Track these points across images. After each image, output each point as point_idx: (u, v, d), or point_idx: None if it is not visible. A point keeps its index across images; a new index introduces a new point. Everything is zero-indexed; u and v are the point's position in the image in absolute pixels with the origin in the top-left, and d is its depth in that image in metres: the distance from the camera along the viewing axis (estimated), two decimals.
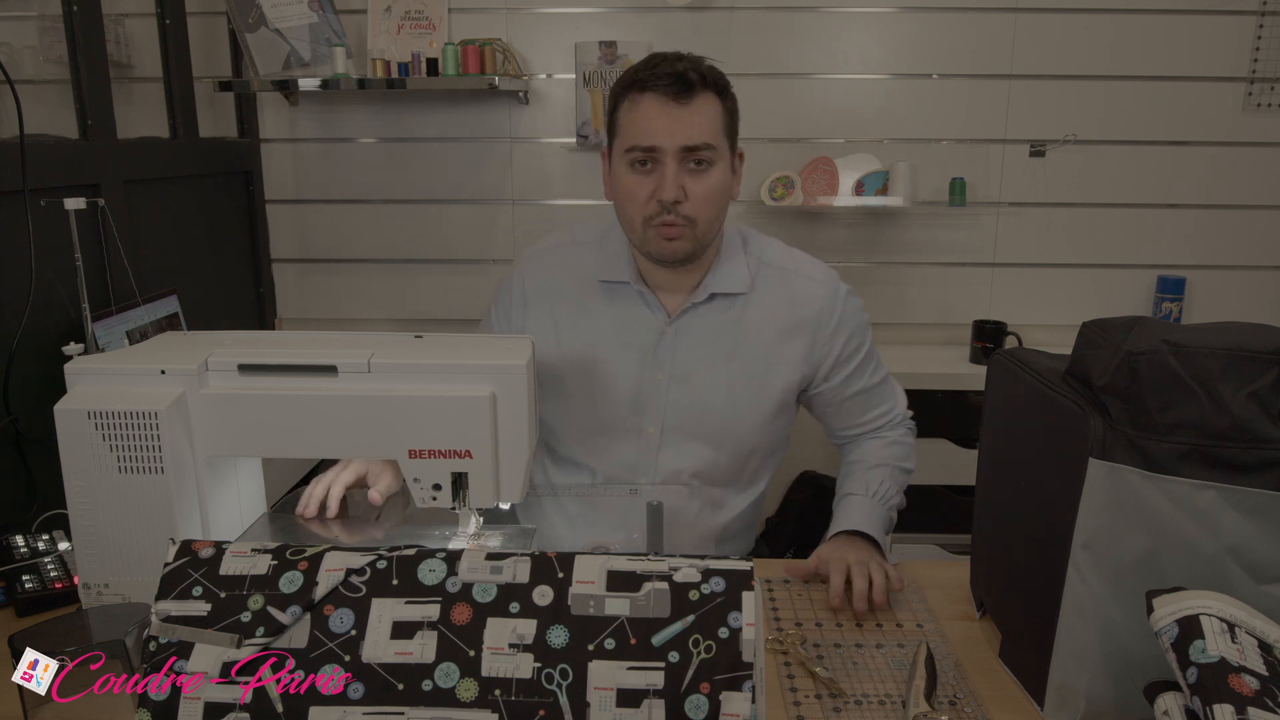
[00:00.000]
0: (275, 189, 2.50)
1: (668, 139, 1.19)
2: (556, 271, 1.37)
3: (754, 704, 0.69)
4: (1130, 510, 0.83)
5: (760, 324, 1.33)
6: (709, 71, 1.22)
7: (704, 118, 1.20)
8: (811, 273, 1.36)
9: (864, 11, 2.37)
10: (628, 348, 1.33)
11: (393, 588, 0.74)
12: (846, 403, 1.39)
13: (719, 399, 1.32)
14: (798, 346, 1.33)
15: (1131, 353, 0.83)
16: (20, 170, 1.36)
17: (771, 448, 1.40)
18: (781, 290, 1.34)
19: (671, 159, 1.20)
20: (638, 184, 1.23)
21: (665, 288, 1.33)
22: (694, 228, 1.23)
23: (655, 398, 1.33)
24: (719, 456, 1.35)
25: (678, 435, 1.34)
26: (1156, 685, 0.81)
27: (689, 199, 1.21)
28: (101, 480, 1.01)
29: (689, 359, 1.32)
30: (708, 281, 1.32)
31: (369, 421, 1.02)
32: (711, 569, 0.74)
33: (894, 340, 2.56)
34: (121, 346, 1.47)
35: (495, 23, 2.39)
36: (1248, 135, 2.41)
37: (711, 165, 1.22)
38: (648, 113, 1.20)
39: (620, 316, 1.33)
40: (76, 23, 1.66)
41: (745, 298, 1.33)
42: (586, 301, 1.34)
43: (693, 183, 1.22)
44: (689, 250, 1.25)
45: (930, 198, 2.45)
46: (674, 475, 1.35)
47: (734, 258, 1.33)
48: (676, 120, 1.19)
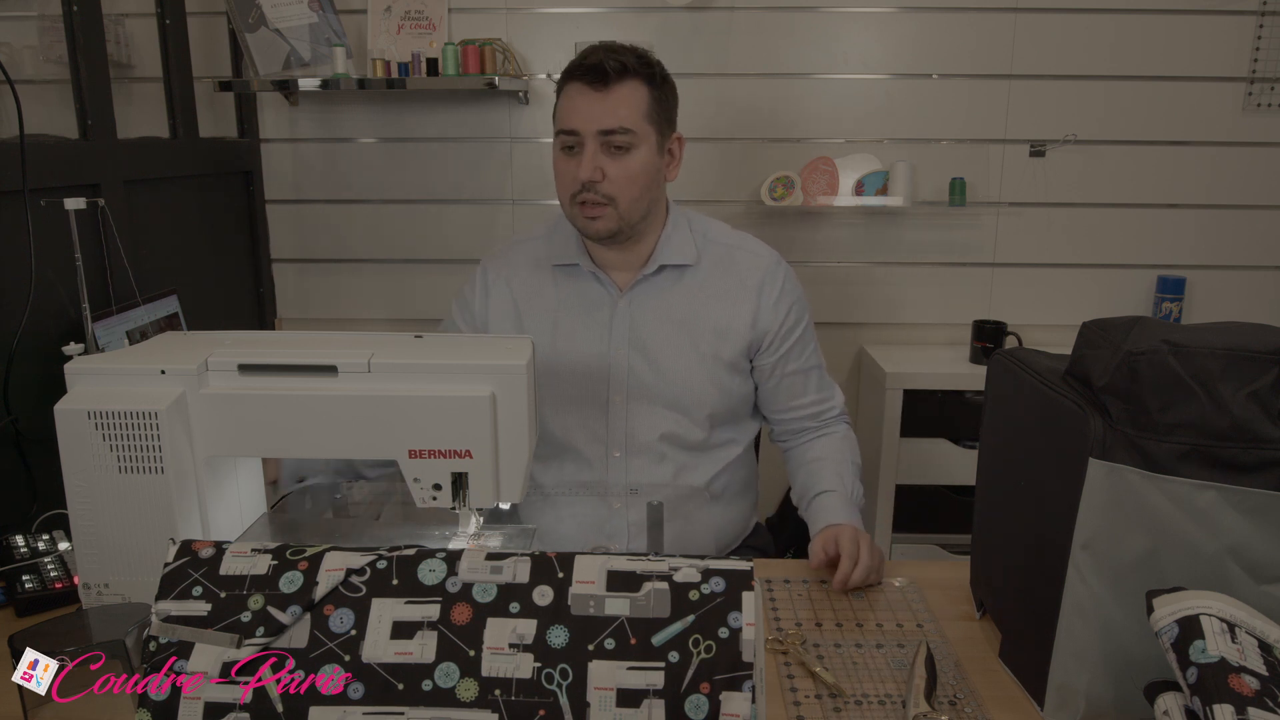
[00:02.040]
0: (275, 189, 2.50)
1: (585, 123, 1.30)
2: (514, 263, 1.48)
3: (754, 704, 0.69)
4: (1130, 510, 0.83)
5: (708, 293, 1.42)
6: (634, 61, 1.31)
7: (623, 104, 1.30)
8: (755, 248, 1.47)
9: (864, 11, 2.37)
10: (585, 323, 1.42)
11: (393, 588, 0.74)
12: (786, 379, 1.45)
13: (675, 364, 1.40)
14: (744, 312, 1.41)
15: (1131, 353, 0.83)
16: (20, 170, 1.36)
17: (733, 410, 1.45)
18: (727, 262, 1.44)
19: (591, 141, 1.30)
20: (565, 165, 1.34)
21: (614, 265, 1.42)
22: (615, 206, 1.32)
23: (617, 368, 1.41)
24: (683, 419, 1.42)
25: (642, 402, 1.41)
26: (1156, 685, 0.81)
27: (607, 179, 1.31)
28: (101, 480, 1.01)
29: (643, 329, 1.41)
30: (656, 255, 1.41)
31: (369, 421, 1.02)
32: (711, 569, 0.74)
33: (894, 340, 2.56)
34: (121, 346, 1.47)
35: (495, 23, 2.39)
36: (1248, 135, 2.40)
37: (631, 148, 1.31)
38: (572, 100, 1.32)
39: (576, 295, 1.43)
40: (76, 23, 1.66)
41: (692, 269, 1.42)
42: (543, 286, 1.45)
43: (611, 164, 1.31)
44: (612, 228, 1.34)
45: (930, 198, 2.45)
46: (645, 440, 1.42)
47: (680, 233, 1.43)
48: (594, 105, 1.30)
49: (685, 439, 1.42)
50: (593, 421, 1.42)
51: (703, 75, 2.40)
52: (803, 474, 1.44)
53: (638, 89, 1.31)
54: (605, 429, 1.42)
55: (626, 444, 1.42)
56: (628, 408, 1.41)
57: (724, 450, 1.46)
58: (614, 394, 1.41)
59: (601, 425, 1.42)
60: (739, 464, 1.49)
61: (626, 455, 1.42)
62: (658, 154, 1.35)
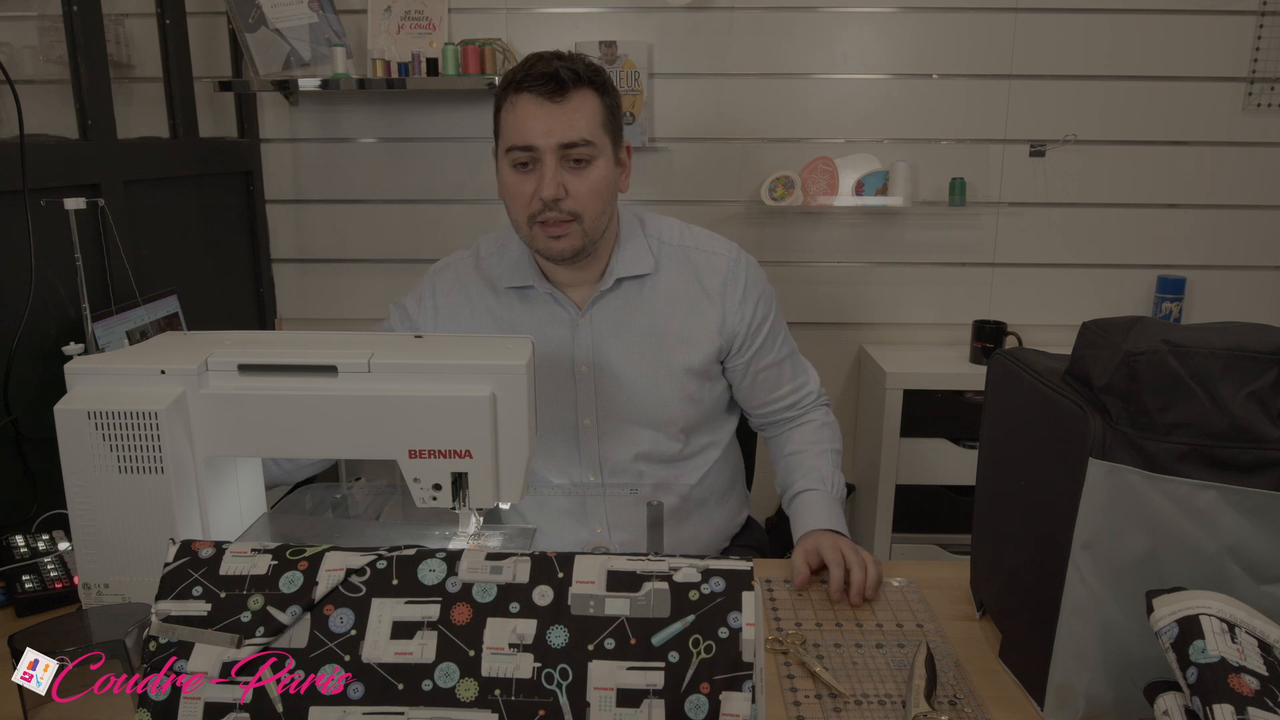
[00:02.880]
0: (275, 189, 2.50)
1: (544, 137, 1.21)
2: (469, 286, 1.40)
3: (754, 704, 0.69)
4: (1130, 510, 0.83)
5: (669, 301, 1.36)
6: (585, 69, 1.24)
7: (581, 115, 1.22)
8: (712, 246, 1.39)
9: (864, 11, 2.37)
10: (547, 346, 1.35)
11: (393, 588, 0.74)
12: (761, 375, 1.41)
13: (641, 381, 1.35)
14: (710, 318, 1.36)
15: (1131, 353, 0.83)
16: (20, 170, 1.36)
17: (707, 416, 1.42)
18: (685, 266, 1.37)
19: (550, 156, 1.22)
20: (520, 183, 1.25)
21: (570, 283, 1.36)
22: (581, 223, 1.25)
23: (583, 390, 1.36)
24: (657, 435, 1.38)
25: (614, 422, 1.37)
26: (1156, 685, 0.81)
27: (570, 195, 1.23)
28: (101, 480, 1.01)
29: (606, 347, 1.35)
30: (611, 268, 1.34)
31: (369, 421, 1.02)
32: (711, 569, 0.74)
33: (894, 340, 2.56)
34: (121, 346, 1.47)
35: (495, 23, 2.39)
36: (1247, 135, 2.41)
37: (592, 161, 1.24)
38: (524, 113, 1.22)
39: (534, 318, 1.36)
40: (76, 23, 1.66)
41: (651, 278, 1.36)
42: (500, 311, 1.38)
43: (573, 179, 1.24)
44: (577, 246, 1.27)
45: (930, 198, 2.45)
46: (620, 462, 1.38)
47: (634, 241, 1.36)
48: (552, 118, 1.21)
49: (661, 454, 1.39)
50: (563, 446, 1.38)
51: (703, 75, 2.40)
52: (782, 467, 1.43)
53: (591, 98, 1.24)
54: (578, 454, 1.38)
55: (601, 467, 1.38)
56: (599, 429, 1.37)
57: (702, 456, 1.43)
58: (583, 418, 1.37)
59: (573, 450, 1.38)
60: (722, 464, 1.46)
61: (602, 478, 1.39)
62: (614, 165, 1.29)
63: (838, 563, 1.16)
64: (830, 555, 1.18)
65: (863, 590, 1.14)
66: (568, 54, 1.25)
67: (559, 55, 1.24)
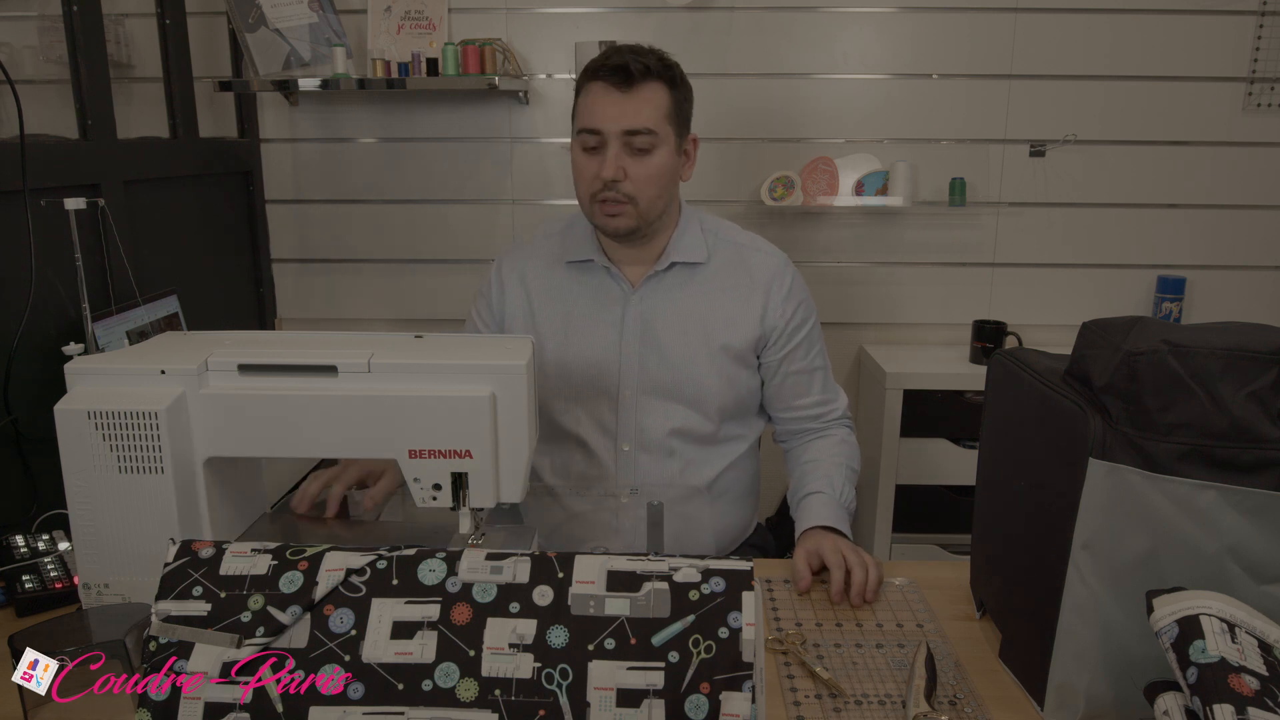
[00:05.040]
0: (275, 189, 2.50)
1: (610, 123, 1.31)
2: (528, 259, 1.49)
3: (754, 704, 0.69)
4: (1130, 510, 0.83)
5: (718, 288, 1.44)
6: (655, 63, 1.33)
7: (647, 105, 1.32)
8: (765, 248, 1.49)
9: (864, 11, 2.37)
10: (597, 318, 1.43)
11: (393, 588, 0.74)
12: (791, 377, 1.47)
13: (686, 359, 1.41)
14: (753, 307, 1.43)
15: (1131, 353, 0.83)
16: (20, 170, 1.36)
17: (741, 403, 1.46)
18: (737, 261, 1.46)
19: (614, 141, 1.31)
20: (587, 163, 1.35)
21: (628, 261, 1.44)
22: (635, 205, 1.34)
23: (627, 362, 1.42)
24: (691, 414, 1.43)
25: (651, 396, 1.42)
26: (1156, 685, 0.81)
27: (629, 179, 1.32)
28: (101, 480, 1.01)
29: (655, 324, 1.42)
30: (668, 252, 1.43)
31: (369, 421, 1.02)
32: (711, 569, 0.74)
33: (894, 340, 2.56)
34: (121, 346, 1.47)
35: (495, 23, 2.39)
36: (1248, 135, 2.40)
37: (653, 149, 1.33)
38: (595, 99, 1.33)
39: (588, 290, 1.44)
40: (76, 23, 1.66)
41: (704, 267, 1.44)
42: (557, 281, 1.46)
43: (634, 164, 1.33)
44: (631, 226, 1.35)
45: (930, 198, 2.45)
46: (653, 435, 1.43)
47: (692, 232, 1.45)
48: (619, 106, 1.31)
49: (695, 433, 1.43)
50: (603, 415, 1.43)
51: (703, 75, 2.40)
52: (797, 473, 1.46)
53: (659, 90, 1.33)
54: (615, 423, 1.43)
55: (636, 438, 1.43)
56: (638, 402, 1.42)
57: (731, 445, 1.47)
58: (625, 389, 1.42)
59: (611, 419, 1.43)
60: (744, 461, 1.49)
61: (635, 450, 1.43)
62: (676, 154, 1.38)
63: (838, 564, 1.17)
64: (831, 557, 1.19)
65: (863, 591, 1.15)
66: (645, 48, 1.35)
67: (634, 49, 1.33)
